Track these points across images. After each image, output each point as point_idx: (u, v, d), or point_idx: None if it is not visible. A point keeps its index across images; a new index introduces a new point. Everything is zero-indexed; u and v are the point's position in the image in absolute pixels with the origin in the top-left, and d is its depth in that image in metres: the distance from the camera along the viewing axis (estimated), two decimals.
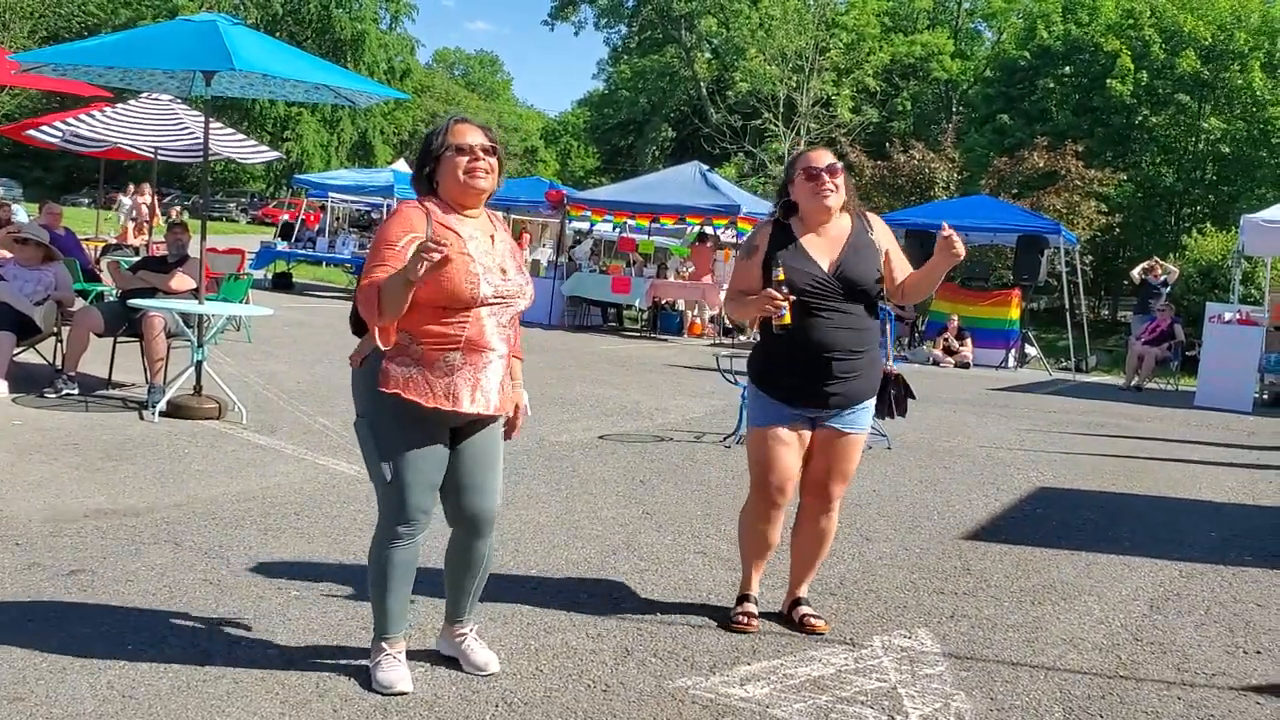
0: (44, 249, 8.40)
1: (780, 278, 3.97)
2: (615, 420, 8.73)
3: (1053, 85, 35.73)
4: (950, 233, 3.99)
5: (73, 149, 14.46)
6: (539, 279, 19.46)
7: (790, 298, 3.95)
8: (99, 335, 8.06)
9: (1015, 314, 17.90)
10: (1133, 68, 33.07)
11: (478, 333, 3.38)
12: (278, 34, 46.99)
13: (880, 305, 4.28)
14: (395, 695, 3.40)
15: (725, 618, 4.30)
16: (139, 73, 8.18)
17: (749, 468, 4.25)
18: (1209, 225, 27.99)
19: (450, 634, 3.71)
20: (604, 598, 4.50)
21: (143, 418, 7.42)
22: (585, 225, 22.66)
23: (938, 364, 16.93)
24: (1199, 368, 14.09)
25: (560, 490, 6.33)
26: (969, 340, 17.20)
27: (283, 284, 20.43)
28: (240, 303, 9.61)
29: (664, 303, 18.91)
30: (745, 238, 4.41)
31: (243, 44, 7.30)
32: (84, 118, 13.66)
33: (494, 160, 3.45)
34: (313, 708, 3.30)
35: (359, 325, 3.48)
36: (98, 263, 12.79)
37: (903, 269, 4.23)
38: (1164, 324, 15.99)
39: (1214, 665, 4.20)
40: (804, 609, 4.34)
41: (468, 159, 3.40)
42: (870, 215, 4.26)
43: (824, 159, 4.11)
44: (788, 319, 3.94)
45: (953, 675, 3.91)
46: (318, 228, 27.24)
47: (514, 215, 32.33)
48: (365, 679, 3.48)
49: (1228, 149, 32.73)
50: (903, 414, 4.38)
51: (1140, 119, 33.93)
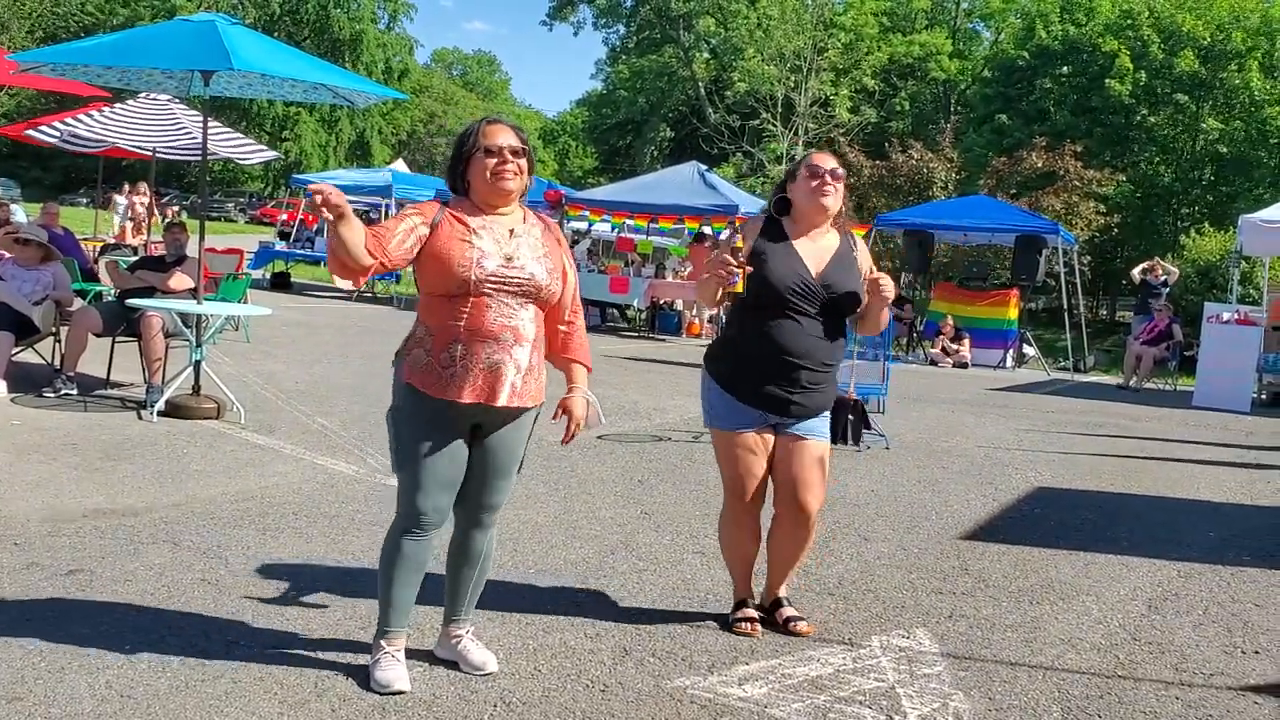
0: (43, 249, 8.40)
1: (738, 244, 3.98)
2: (613, 420, 8.71)
3: (1051, 85, 35.75)
4: (878, 278, 4.05)
5: (71, 149, 14.46)
6: None
7: (747, 267, 3.93)
8: (97, 335, 8.06)
9: (1013, 314, 17.91)
10: (1131, 67, 33.09)
11: (479, 321, 3.37)
12: (276, 34, 47.00)
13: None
14: (393, 694, 3.40)
15: (724, 618, 4.29)
16: (137, 72, 8.18)
17: (720, 470, 4.22)
18: (1207, 225, 28.01)
19: (447, 636, 3.70)
20: (602, 597, 4.50)
21: (141, 417, 7.42)
22: (583, 225, 22.67)
23: (936, 364, 16.94)
24: (1197, 368, 14.09)
25: (558, 490, 6.33)
26: (967, 340, 17.21)
27: (281, 284, 20.42)
28: (238, 302, 9.61)
29: (662, 303, 18.91)
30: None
31: (241, 44, 7.30)
32: (82, 117, 13.67)
33: (523, 162, 3.48)
34: (311, 707, 3.30)
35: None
36: (96, 262, 12.77)
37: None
38: (1162, 324, 16.00)
39: (1212, 665, 4.20)
40: (786, 610, 4.31)
41: (495, 160, 3.42)
42: (856, 237, 4.26)
43: (830, 161, 4.12)
44: (740, 286, 3.91)
45: (951, 675, 3.91)
46: (316, 227, 27.24)
47: None
48: (364, 678, 3.48)
49: (1226, 149, 32.75)
50: (857, 442, 4.36)
51: (1139, 119, 33.94)
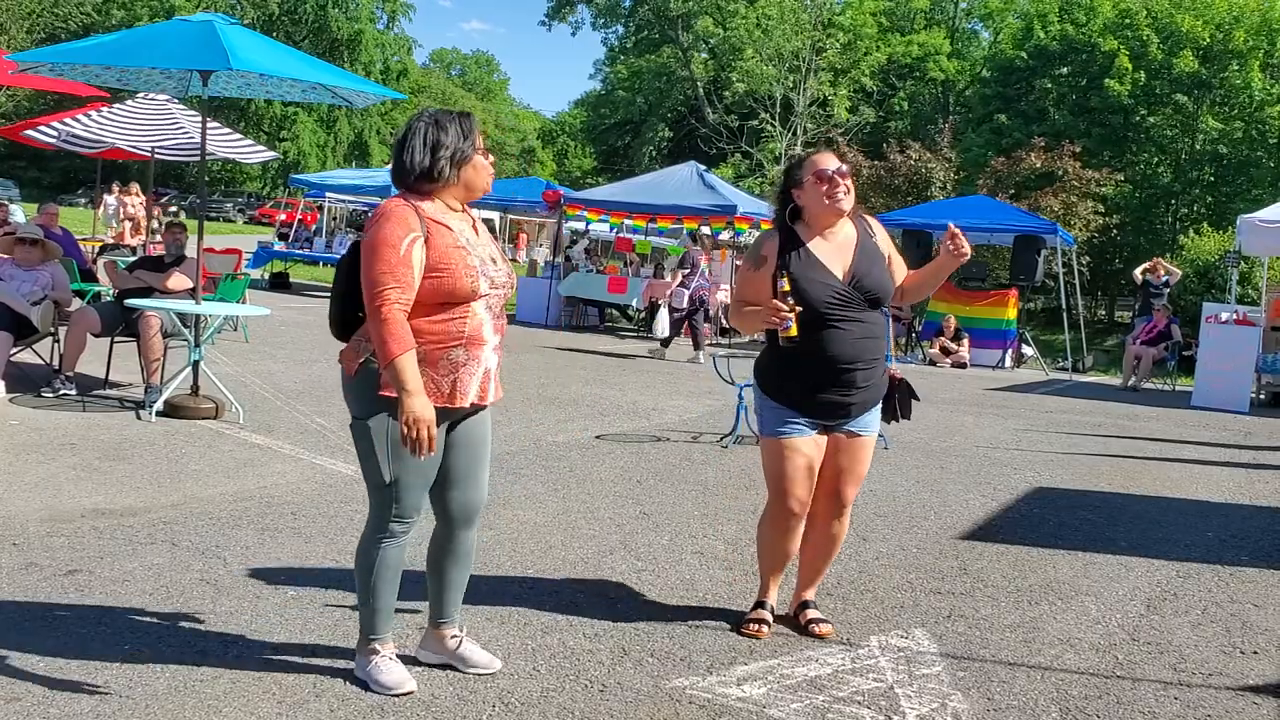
0: (42, 249, 8.39)
1: (785, 288, 3.85)
2: (612, 420, 8.72)
3: (1050, 85, 35.77)
4: (957, 233, 3.96)
5: (69, 149, 14.46)
6: (536, 279, 19.49)
7: (797, 309, 3.85)
8: (96, 335, 8.06)
9: (1012, 314, 17.92)
10: (1130, 67, 33.10)
11: (478, 326, 3.36)
12: (274, 34, 47.02)
13: (881, 309, 4.25)
14: (403, 695, 3.39)
15: (723, 618, 4.30)
16: (136, 72, 8.18)
17: (766, 478, 4.15)
18: (1206, 226, 28.02)
19: (440, 638, 3.67)
20: (601, 598, 4.50)
21: (140, 418, 7.42)
22: (582, 225, 22.66)
23: (935, 364, 16.94)
24: (1196, 368, 14.10)
25: (557, 490, 6.33)
26: (966, 340, 17.21)
27: (280, 284, 20.42)
28: (237, 303, 9.61)
29: (661, 303, 18.88)
30: (750, 247, 4.35)
31: (239, 43, 7.30)
32: (80, 118, 13.67)
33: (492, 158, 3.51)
34: (310, 707, 3.30)
35: (343, 328, 3.48)
36: (94, 263, 12.77)
37: (901, 270, 4.20)
38: (1161, 324, 16.01)
39: (1211, 665, 4.20)
40: (811, 613, 4.31)
41: (486, 160, 3.44)
42: (869, 218, 4.20)
43: (834, 161, 4.03)
44: (794, 331, 3.83)
45: (950, 675, 3.91)
46: (315, 228, 27.26)
47: (511, 215, 32.32)
48: (362, 679, 3.48)
49: (1225, 149, 32.78)
50: (907, 417, 4.36)
51: (1138, 119, 33.96)
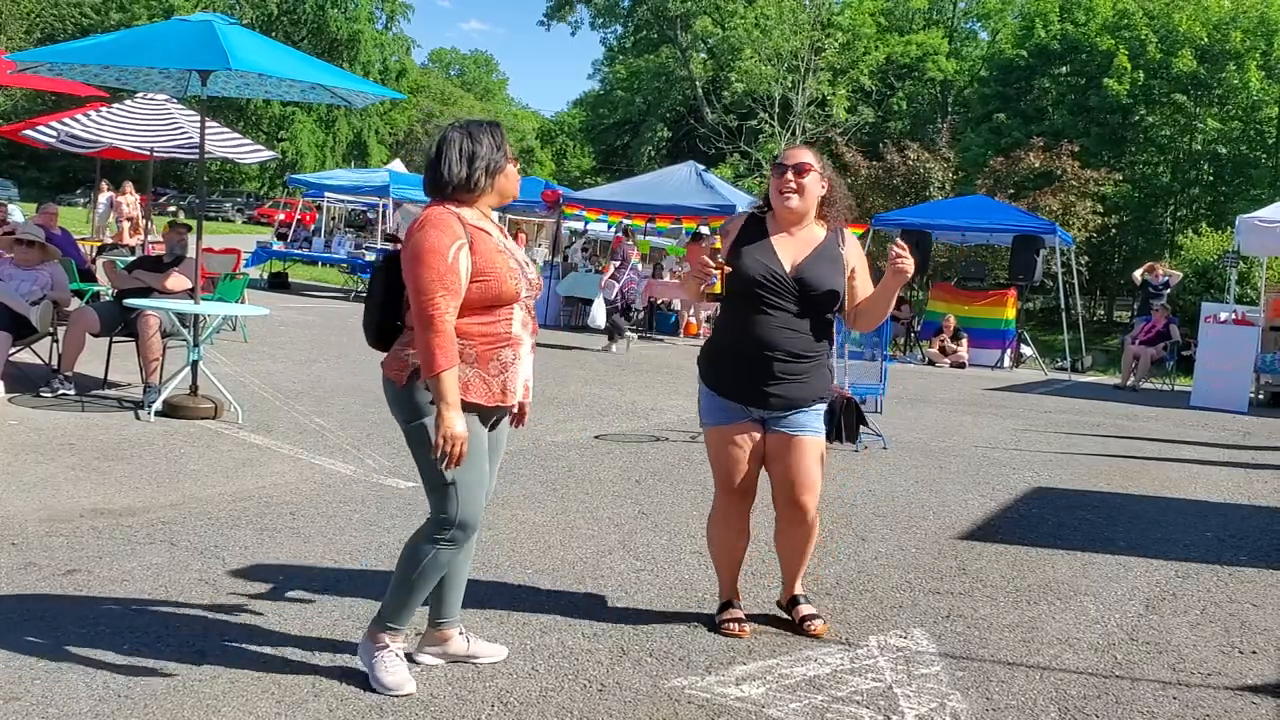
0: (41, 249, 8.38)
1: (716, 245, 4.00)
2: (611, 420, 8.73)
3: (1049, 85, 35.79)
4: (902, 249, 3.99)
5: (68, 149, 14.46)
6: None
7: (724, 267, 3.95)
8: (95, 335, 8.05)
9: (1011, 314, 17.93)
10: (1129, 67, 33.12)
11: (520, 326, 3.47)
12: (273, 34, 47.02)
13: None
14: (402, 697, 3.40)
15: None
16: (135, 72, 8.17)
17: (711, 468, 4.21)
18: (1205, 225, 28.05)
19: (443, 638, 3.68)
20: (600, 598, 4.50)
21: (139, 417, 7.42)
22: (580, 225, 22.67)
23: (933, 364, 16.94)
24: (1195, 368, 14.11)
25: (556, 490, 6.33)
26: (965, 340, 17.22)
27: (279, 284, 20.42)
28: (236, 302, 9.62)
29: (659, 303, 18.90)
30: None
31: (239, 43, 7.30)
32: (79, 118, 13.67)
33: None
34: (309, 707, 3.30)
35: (382, 337, 3.50)
36: (93, 262, 12.77)
37: (865, 291, 4.17)
38: (1160, 324, 16.01)
39: (1209, 665, 4.20)
40: (804, 608, 4.30)
41: (514, 167, 3.54)
42: (846, 232, 4.18)
43: (796, 157, 4.07)
44: (718, 287, 3.94)
45: (948, 675, 3.91)
46: (314, 227, 27.25)
47: (510, 215, 32.33)
48: (361, 678, 3.48)
49: (1224, 149, 32.79)
50: (852, 440, 4.35)
51: (1136, 119, 33.98)
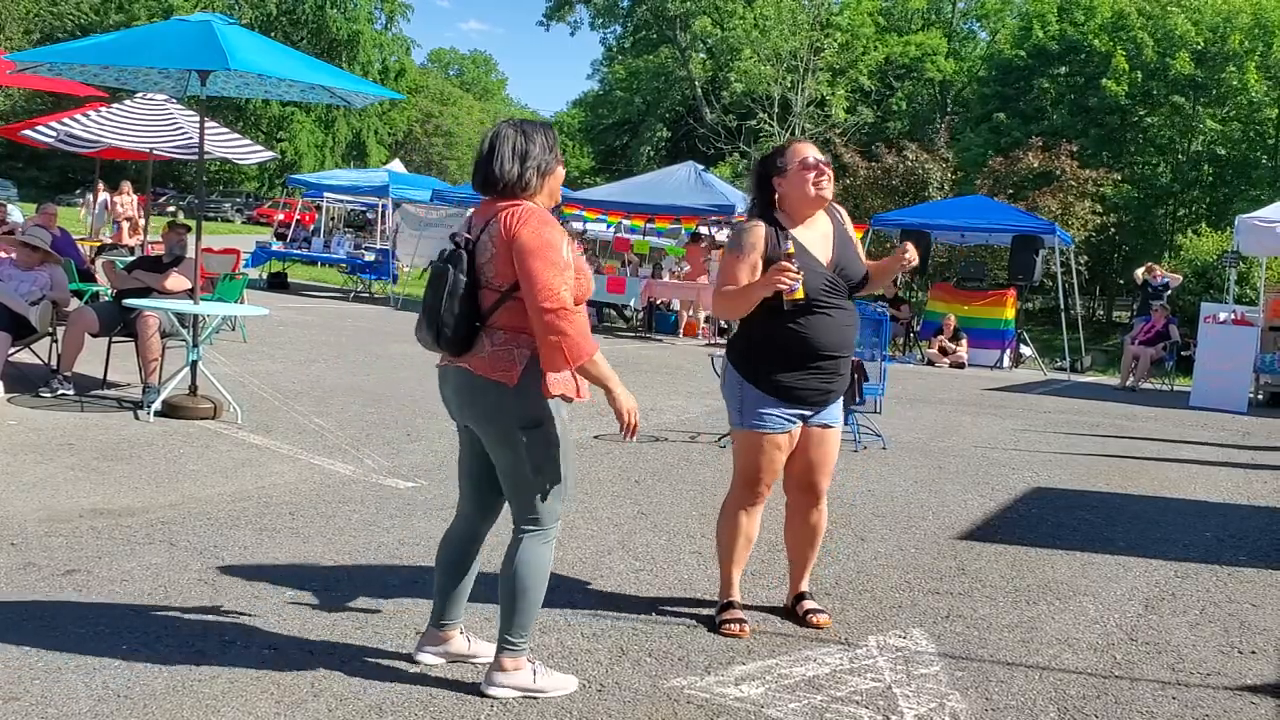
0: (40, 250, 8.38)
1: (790, 250, 3.93)
2: (610, 420, 8.62)
3: (1048, 85, 35.80)
4: (910, 253, 4.10)
5: (67, 149, 14.45)
6: None
7: (800, 271, 3.90)
8: (94, 335, 8.05)
9: (1010, 314, 17.92)
10: (1127, 68, 33.13)
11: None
12: (272, 34, 47.02)
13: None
14: (572, 690, 3.51)
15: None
16: (134, 71, 8.17)
17: (736, 463, 4.23)
18: (1204, 226, 28.05)
19: (447, 638, 3.69)
20: (599, 598, 4.50)
21: (138, 418, 7.41)
22: (580, 225, 22.67)
23: (933, 364, 16.94)
24: (1194, 368, 14.11)
25: None
26: (964, 340, 17.22)
27: (278, 284, 20.41)
28: (235, 303, 9.61)
29: (659, 303, 18.90)
30: (732, 236, 4.41)
31: (238, 43, 7.30)
32: (79, 118, 13.65)
33: None
34: (308, 707, 3.30)
35: (465, 340, 3.38)
36: (93, 263, 12.76)
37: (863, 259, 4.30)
38: (1159, 324, 16.02)
39: (1209, 665, 4.21)
40: (808, 604, 4.38)
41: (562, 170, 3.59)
42: (838, 206, 4.29)
43: (815, 150, 4.13)
44: (801, 293, 3.90)
45: (948, 675, 3.91)
46: (313, 227, 27.24)
47: None
48: (361, 677, 3.48)
49: (1223, 150, 32.80)
50: (860, 400, 4.42)
51: (1135, 119, 33.99)
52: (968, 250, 22.15)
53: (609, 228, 22.64)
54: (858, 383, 4.39)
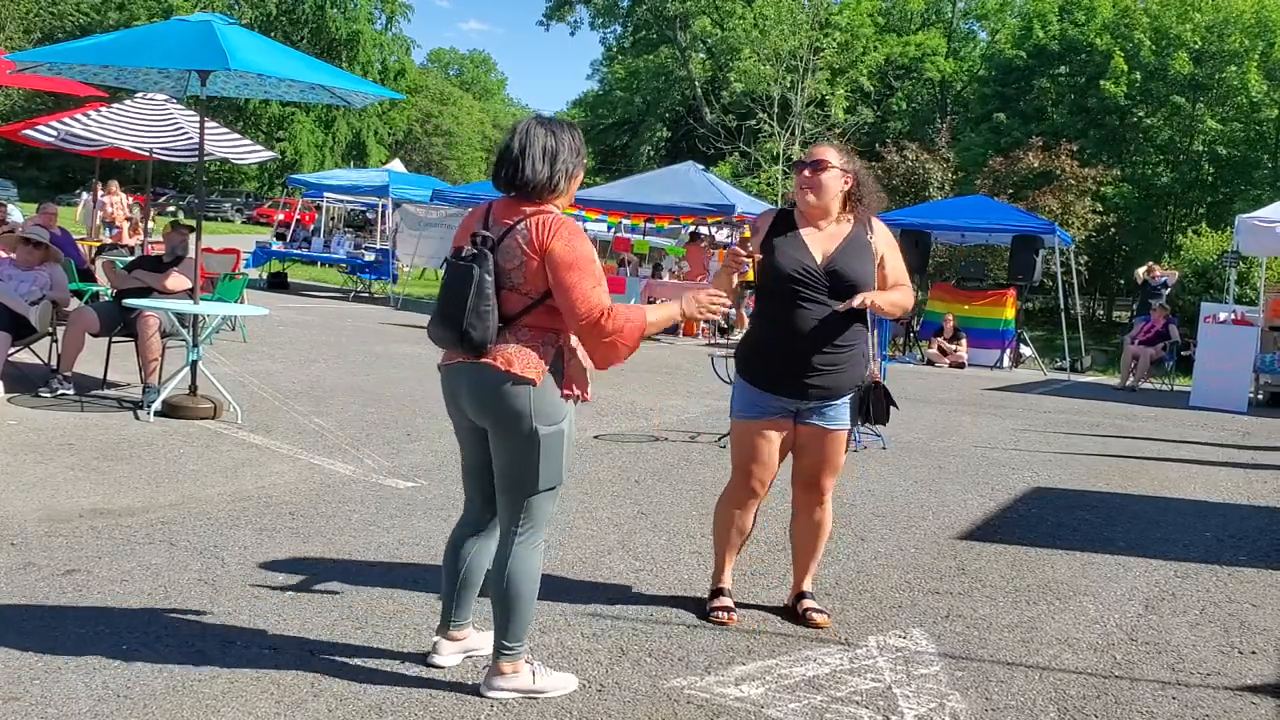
0: (41, 250, 8.38)
1: (746, 234, 4.04)
2: (610, 420, 8.73)
3: (1048, 85, 35.79)
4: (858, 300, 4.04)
5: (67, 148, 14.45)
6: None
7: (756, 255, 4.00)
8: (94, 335, 8.05)
9: (1010, 314, 17.92)
10: (1126, 68, 33.12)
11: None
12: (272, 34, 46.99)
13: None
14: (573, 689, 3.53)
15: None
16: (134, 71, 8.17)
17: (731, 455, 4.33)
18: (1204, 226, 28.04)
19: (462, 637, 3.69)
20: (599, 598, 4.50)
21: (138, 418, 7.41)
22: (580, 225, 22.67)
23: (933, 364, 16.95)
24: (1194, 368, 14.11)
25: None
26: (964, 340, 17.22)
27: (278, 284, 20.41)
28: (235, 303, 9.61)
29: (659, 303, 18.89)
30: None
31: (238, 43, 7.30)
32: (79, 117, 13.65)
33: None
34: (308, 707, 3.30)
35: (490, 339, 3.33)
36: (93, 263, 12.76)
37: (895, 277, 4.25)
38: (1159, 324, 16.01)
39: (1209, 665, 4.21)
40: (808, 602, 4.39)
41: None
42: (875, 221, 4.29)
43: (815, 154, 4.19)
44: (750, 275, 3.98)
45: (948, 675, 3.91)
46: (313, 227, 27.24)
47: None
48: (361, 678, 3.48)
49: (1224, 150, 32.78)
50: (882, 422, 4.39)
51: (1135, 119, 33.98)
52: (968, 250, 22.15)
53: (609, 228, 22.64)
54: (876, 405, 4.34)
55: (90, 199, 21.93)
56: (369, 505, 5.68)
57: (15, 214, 15.78)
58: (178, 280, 8.19)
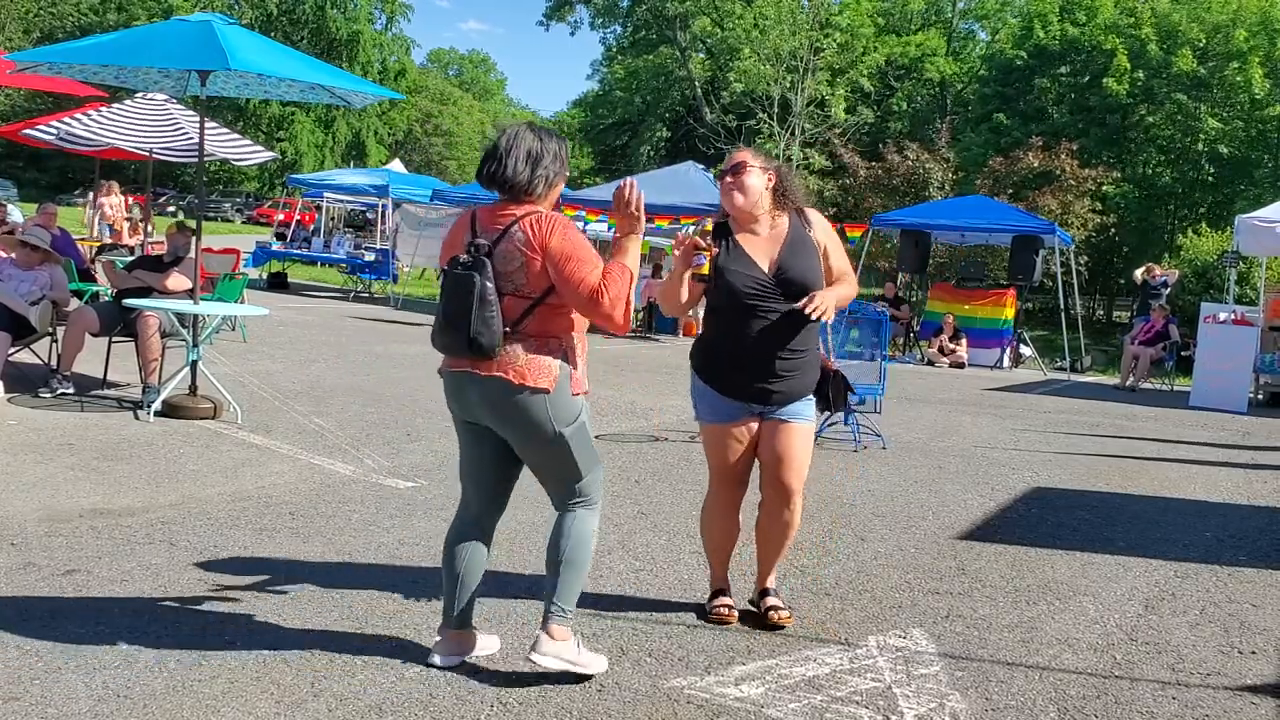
0: (41, 250, 8.38)
1: (707, 228, 4.06)
2: (610, 420, 8.72)
3: (1049, 85, 35.78)
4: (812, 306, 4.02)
5: (67, 148, 14.46)
6: None
7: (713, 248, 4.03)
8: (94, 335, 8.05)
9: (1010, 314, 17.93)
10: (1129, 67, 33.10)
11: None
12: (272, 34, 47.03)
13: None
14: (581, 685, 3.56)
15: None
16: (134, 71, 8.17)
17: (707, 459, 4.33)
18: (1205, 226, 28.03)
19: (460, 636, 3.70)
20: (599, 598, 4.49)
21: (138, 418, 7.41)
22: (580, 226, 22.67)
23: (933, 364, 16.95)
24: (1194, 368, 14.11)
25: None
26: (964, 340, 17.22)
27: (278, 284, 20.41)
28: (235, 303, 9.61)
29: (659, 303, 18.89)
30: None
31: (238, 43, 7.30)
32: (79, 117, 13.66)
33: None
34: (308, 707, 3.30)
35: (498, 345, 3.40)
36: (93, 263, 12.76)
37: (838, 266, 4.25)
38: (1159, 324, 16.01)
39: (1209, 665, 4.21)
40: (770, 600, 4.35)
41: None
42: (809, 212, 4.27)
43: (732, 159, 4.19)
44: (706, 268, 4.00)
45: (948, 675, 3.91)
46: (313, 227, 27.25)
47: None
48: (361, 678, 3.48)
49: (1225, 149, 32.76)
50: (840, 409, 4.40)
51: (1137, 119, 33.96)
52: (968, 250, 22.15)
53: (609, 228, 22.62)
54: (835, 392, 4.35)
55: (94, 199, 21.95)
56: (369, 505, 5.68)
57: (15, 214, 15.78)
58: (178, 280, 8.19)
